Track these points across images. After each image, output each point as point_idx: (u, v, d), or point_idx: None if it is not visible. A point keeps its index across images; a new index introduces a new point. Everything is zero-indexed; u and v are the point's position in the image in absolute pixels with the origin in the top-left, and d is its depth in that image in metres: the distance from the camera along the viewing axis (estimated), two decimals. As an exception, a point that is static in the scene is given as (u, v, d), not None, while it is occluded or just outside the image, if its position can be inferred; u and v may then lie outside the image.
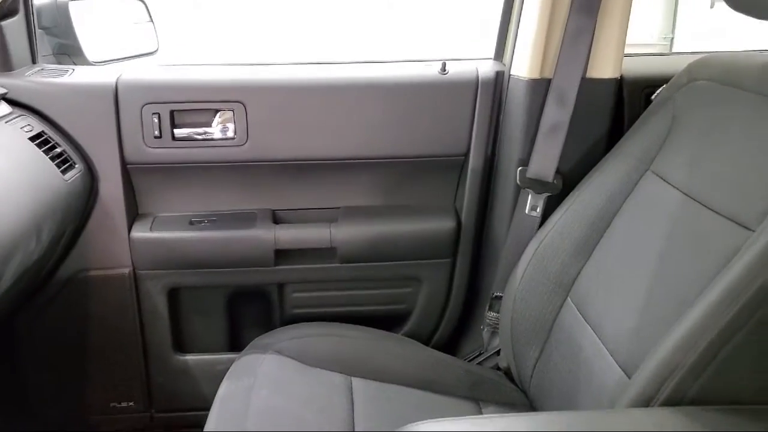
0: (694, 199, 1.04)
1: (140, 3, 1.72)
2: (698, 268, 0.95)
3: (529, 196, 1.38)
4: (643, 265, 1.07)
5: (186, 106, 1.40)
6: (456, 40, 5.42)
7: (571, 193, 1.29)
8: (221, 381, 1.24)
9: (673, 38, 6.17)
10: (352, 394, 1.23)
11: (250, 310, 1.57)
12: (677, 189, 1.09)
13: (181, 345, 1.54)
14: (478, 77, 1.43)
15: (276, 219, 1.50)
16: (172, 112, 1.39)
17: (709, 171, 1.05)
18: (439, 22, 5.61)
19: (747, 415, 0.83)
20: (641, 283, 1.05)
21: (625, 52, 1.38)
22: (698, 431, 0.80)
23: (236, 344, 1.56)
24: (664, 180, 1.13)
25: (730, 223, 0.95)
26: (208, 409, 1.17)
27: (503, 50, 1.48)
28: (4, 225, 1.05)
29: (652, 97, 1.31)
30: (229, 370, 1.27)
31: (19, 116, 1.30)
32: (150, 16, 1.73)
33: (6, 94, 1.32)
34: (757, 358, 0.84)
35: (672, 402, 0.84)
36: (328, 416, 1.16)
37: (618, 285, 1.11)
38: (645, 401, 0.85)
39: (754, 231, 0.89)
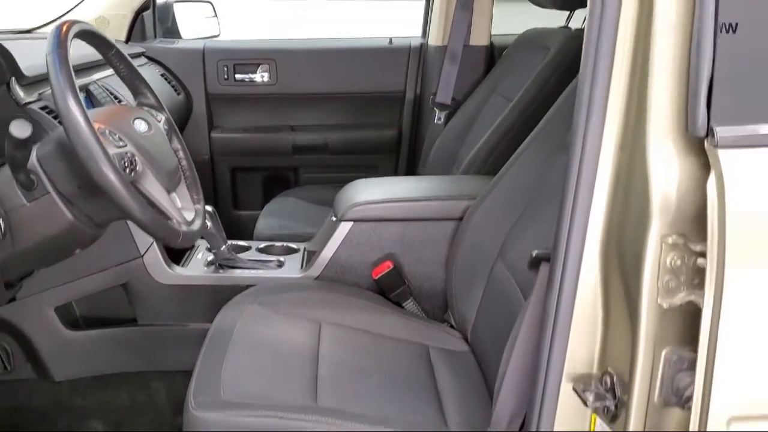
0: (506, 98, 2.07)
1: (209, 4, 2.78)
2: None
3: (437, 112, 2.42)
4: (482, 128, 2.11)
5: (242, 61, 2.46)
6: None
7: (458, 109, 2.33)
8: None
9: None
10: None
11: (277, 184, 2.61)
12: (502, 96, 2.12)
13: (237, 205, 2.60)
14: (410, 46, 2.49)
15: (293, 130, 2.55)
16: (234, 65, 2.46)
17: (509, 84, 2.08)
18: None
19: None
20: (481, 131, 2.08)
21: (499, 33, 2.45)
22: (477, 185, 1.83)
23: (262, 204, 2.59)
24: (498, 94, 2.17)
25: (515, 108, 1.97)
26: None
27: (426, 29, 2.54)
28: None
29: (503, 53, 2.34)
30: (269, 203, 2.31)
31: (153, 64, 2.36)
32: (215, 13, 2.79)
33: (145, 52, 2.38)
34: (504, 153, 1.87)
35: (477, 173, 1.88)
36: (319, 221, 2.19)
37: (474, 145, 2.14)
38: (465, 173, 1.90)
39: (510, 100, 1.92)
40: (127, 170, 1.12)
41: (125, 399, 1.70)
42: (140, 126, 1.23)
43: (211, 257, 1.72)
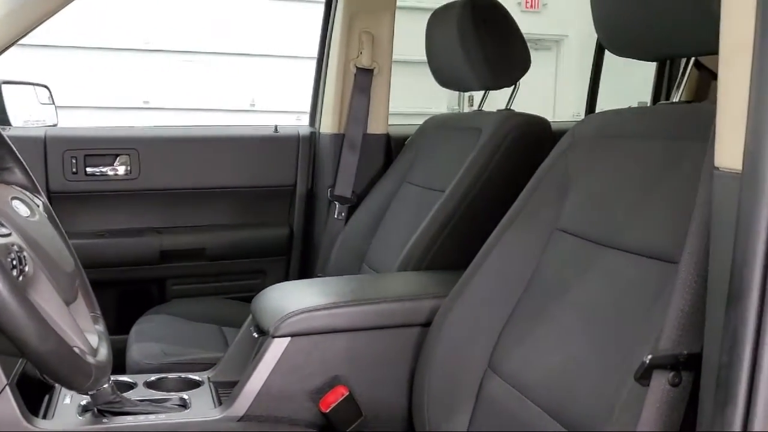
0: (426, 187, 1.83)
1: (46, 89, 2.31)
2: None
3: (337, 207, 2.13)
4: (398, 222, 1.84)
5: (96, 152, 2.01)
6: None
7: (362, 202, 2.05)
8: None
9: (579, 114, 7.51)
10: (224, 335, 1.83)
11: (139, 301, 2.11)
12: (417, 186, 1.88)
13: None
14: (299, 135, 2.20)
15: (160, 233, 2.10)
16: (85, 156, 2.00)
17: (426, 171, 1.86)
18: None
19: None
20: (401, 228, 1.80)
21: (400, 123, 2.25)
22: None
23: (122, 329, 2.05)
24: (410, 183, 1.93)
25: (438, 192, 1.74)
26: None
27: (314, 118, 2.27)
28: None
29: (406, 141, 2.13)
30: (135, 324, 1.82)
31: (-25, 154, 1.84)
32: (52, 99, 2.32)
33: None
34: (447, 244, 1.61)
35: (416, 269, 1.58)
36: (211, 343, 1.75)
37: (387, 239, 1.87)
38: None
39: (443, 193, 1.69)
40: (15, 272, 0.69)
41: None
42: (21, 209, 0.81)
43: (84, 400, 1.23)
